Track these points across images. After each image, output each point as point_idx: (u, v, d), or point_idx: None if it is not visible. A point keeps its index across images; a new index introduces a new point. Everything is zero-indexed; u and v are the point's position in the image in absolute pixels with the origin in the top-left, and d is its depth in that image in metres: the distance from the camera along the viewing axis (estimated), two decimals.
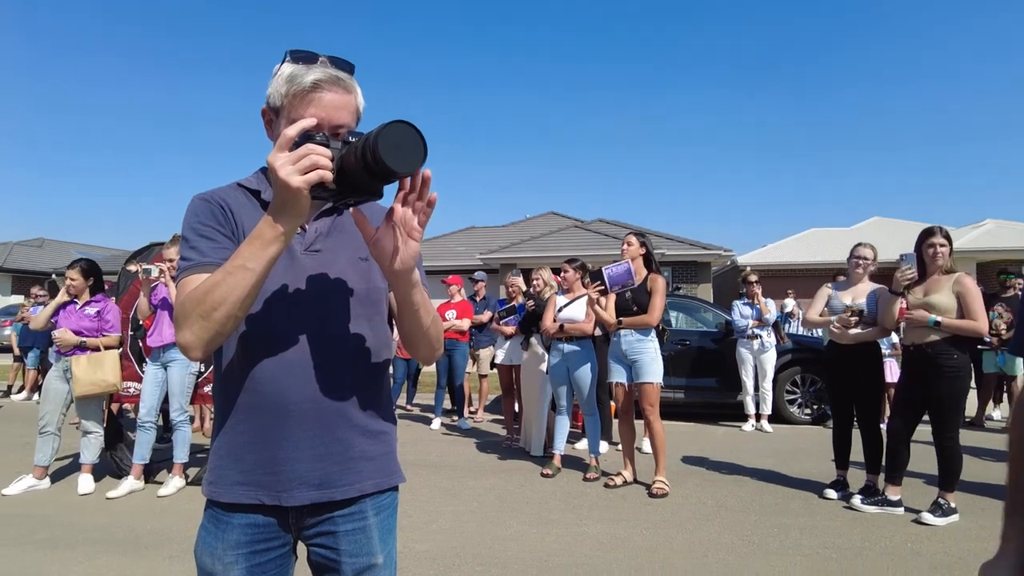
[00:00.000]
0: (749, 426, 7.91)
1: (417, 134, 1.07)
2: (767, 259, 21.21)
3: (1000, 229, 20.12)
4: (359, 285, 1.36)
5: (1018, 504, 1.24)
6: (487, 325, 8.31)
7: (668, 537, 4.07)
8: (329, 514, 1.33)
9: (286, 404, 1.27)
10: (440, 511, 4.61)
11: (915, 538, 4.03)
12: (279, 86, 1.28)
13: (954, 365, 4.29)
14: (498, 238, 22.18)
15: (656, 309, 5.13)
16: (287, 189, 1.07)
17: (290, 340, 1.28)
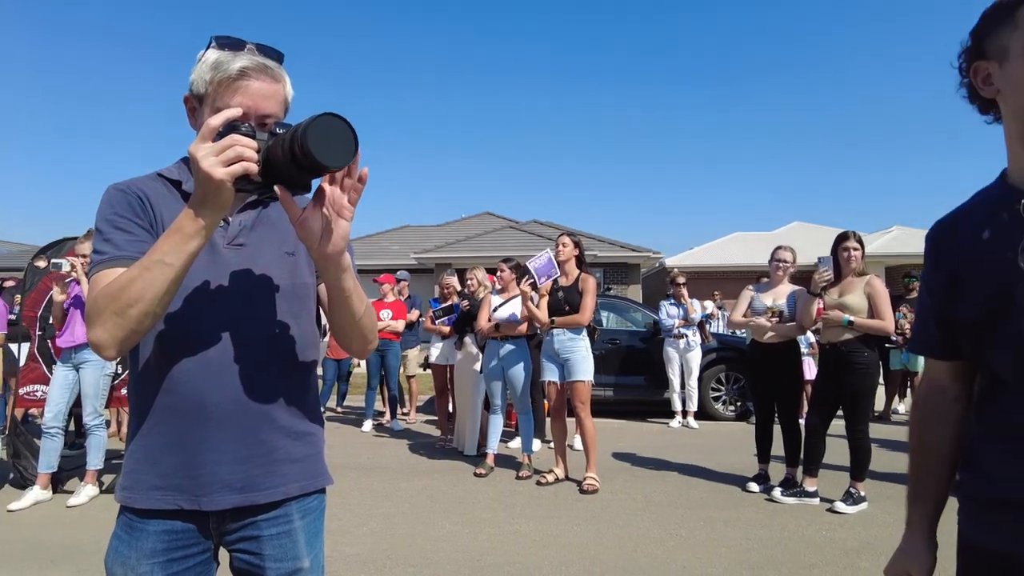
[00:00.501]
0: (676, 422, 8.14)
1: (347, 127, 1.04)
2: (693, 261, 21.89)
3: (906, 236, 21.44)
4: (285, 281, 1.31)
5: (919, 491, 1.32)
6: (416, 324, 8.24)
7: (598, 533, 4.14)
8: (252, 518, 1.28)
9: (206, 405, 1.21)
10: (371, 514, 4.53)
11: (829, 526, 4.25)
12: (203, 73, 1.23)
13: (864, 362, 4.55)
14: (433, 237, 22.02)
15: (587, 308, 5.22)
16: (209, 181, 1.03)
17: (211, 338, 1.23)
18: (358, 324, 1.31)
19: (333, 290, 1.24)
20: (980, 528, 1.17)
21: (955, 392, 1.28)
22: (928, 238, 1.30)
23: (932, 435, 1.30)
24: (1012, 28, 1.05)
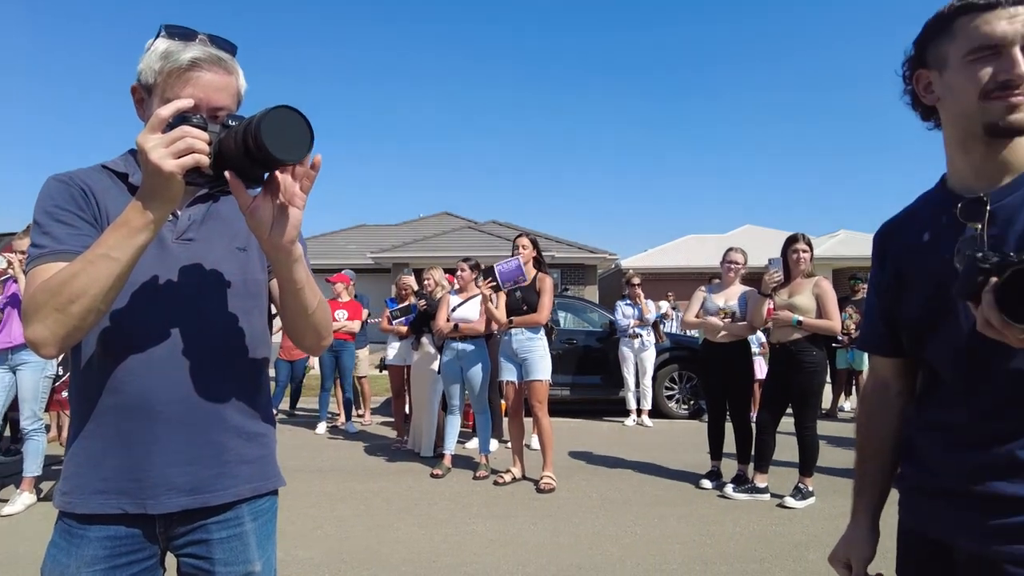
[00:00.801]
0: (631, 421, 8.25)
1: (302, 120, 1.02)
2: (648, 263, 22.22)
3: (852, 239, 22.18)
4: (236, 276, 1.28)
5: (864, 484, 1.37)
6: (364, 325, 8.15)
7: (555, 531, 4.16)
8: (202, 521, 1.24)
9: (153, 404, 1.17)
10: (325, 516, 4.46)
11: (779, 520, 4.36)
12: (152, 62, 1.19)
13: (812, 361, 4.69)
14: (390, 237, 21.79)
15: (545, 308, 5.24)
16: (159, 173, 0.99)
17: (158, 335, 1.18)
18: (311, 319, 1.27)
19: (285, 282, 1.20)
20: (916, 517, 1.22)
21: (899, 388, 1.33)
22: (875, 240, 1.35)
23: (877, 428, 1.35)
24: (950, 39, 1.09)
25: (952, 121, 1.14)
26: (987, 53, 1.04)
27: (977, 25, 1.05)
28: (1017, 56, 1.02)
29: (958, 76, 1.08)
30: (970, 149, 1.13)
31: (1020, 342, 0.92)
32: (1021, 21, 1.02)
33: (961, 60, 1.07)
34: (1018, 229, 1.05)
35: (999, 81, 1.03)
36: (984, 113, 1.06)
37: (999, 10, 1.04)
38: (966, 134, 1.12)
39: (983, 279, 0.93)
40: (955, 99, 1.10)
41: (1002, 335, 0.93)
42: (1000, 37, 1.03)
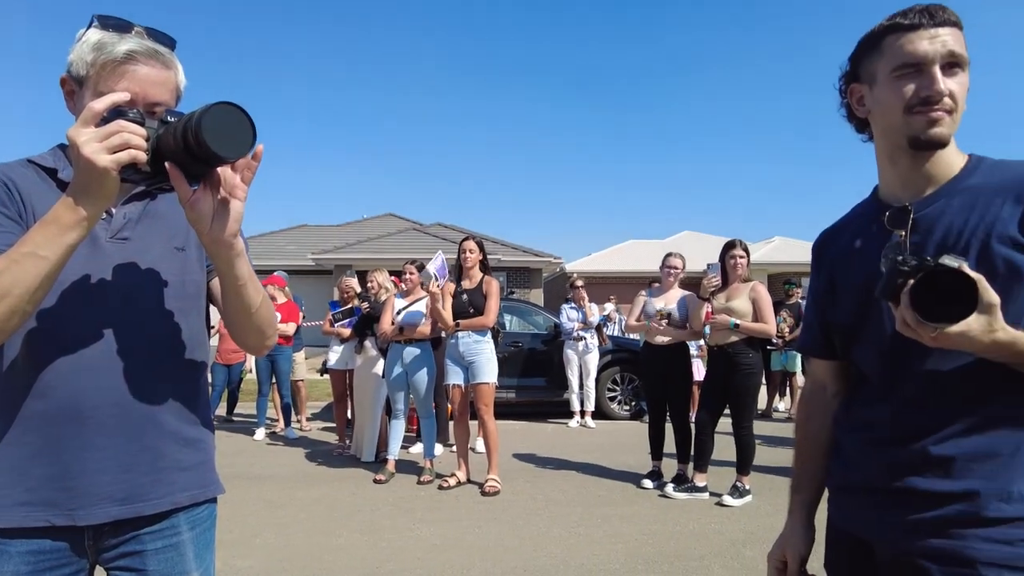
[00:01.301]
0: (574, 423, 8.34)
1: (244, 116, 1.00)
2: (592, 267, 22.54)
3: (786, 245, 23.07)
4: (173, 277, 1.24)
5: (801, 482, 1.44)
6: (299, 328, 7.99)
7: (499, 534, 4.16)
8: (135, 532, 1.19)
9: (84, 409, 1.12)
10: (265, 524, 4.34)
11: (718, 518, 4.48)
12: (84, 53, 1.13)
13: (749, 363, 4.85)
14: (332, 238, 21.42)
15: (492, 311, 5.24)
16: (92, 169, 0.95)
17: (89, 337, 1.13)
18: (254, 317, 1.24)
19: (226, 278, 1.17)
20: (841, 513, 1.28)
21: (834, 389, 1.39)
22: (813, 248, 1.42)
23: (813, 428, 1.41)
24: (879, 56, 1.16)
25: (881, 134, 1.21)
26: (910, 71, 1.11)
27: (902, 44, 1.12)
28: (937, 74, 1.09)
29: (885, 91, 1.15)
30: (897, 161, 1.19)
31: (933, 341, 0.99)
32: (941, 42, 1.10)
33: (888, 76, 1.14)
34: (936, 237, 1.12)
35: (921, 97, 1.10)
36: (907, 126, 1.13)
37: (921, 31, 1.10)
38: (893, 146, 1.18)
39: (902, 281, 1.00)
40: (882, 112, 1.17)
41: (917, 334, 1.00)
42: (922, 56, 1.10)
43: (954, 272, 0.96)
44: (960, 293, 0.96)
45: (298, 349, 8.03)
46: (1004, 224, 1.07)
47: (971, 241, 1.08)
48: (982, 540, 1.05)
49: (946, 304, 0.96)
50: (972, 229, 1.09)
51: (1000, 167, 1.14)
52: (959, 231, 1.10)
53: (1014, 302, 1.04)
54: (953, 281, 0.96)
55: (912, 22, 1.11)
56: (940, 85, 1.09)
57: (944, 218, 1.12)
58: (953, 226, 1.11)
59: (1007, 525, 1.04)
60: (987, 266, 1.04)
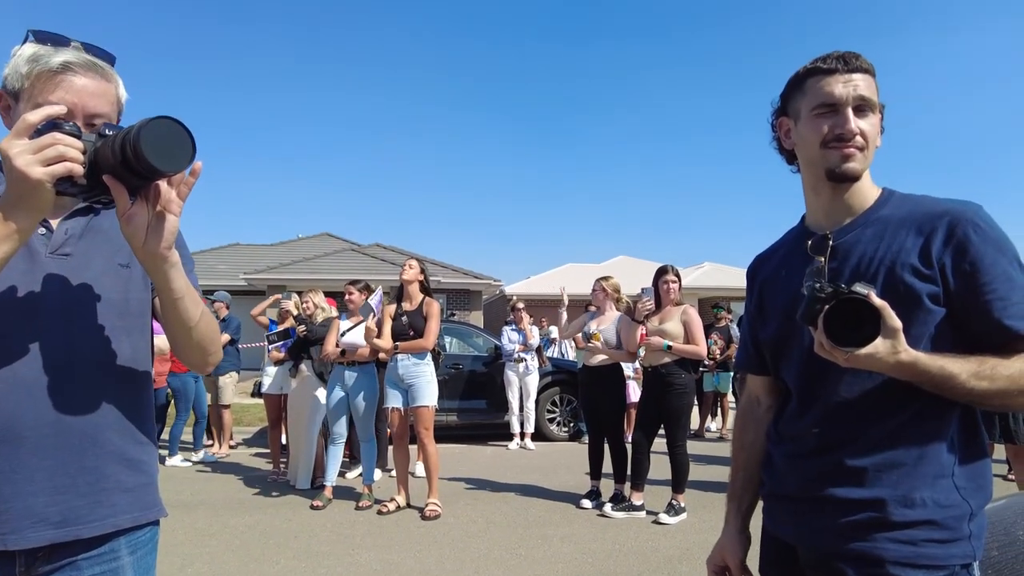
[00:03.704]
0: (514, 444, 8.37)
1: (184, 130, 1.01)
2: (531, 289, 22.71)
3: (715, 270, 23.90)
4: (116, 294, 1.22)
5: (736, 489, 1.54)
6: (229, 348, 7.77)
7: (440, 558, 4.14)
8: (71, 557, 1.15)
9: (18, 429, 1.08)
10: (196, 554, 4.17)
11: (654, 536, 4.59)
12: (19, 65, 1.12)
13: (682, 383, 5.03)
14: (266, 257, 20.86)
15: (432, 333, 5.24)
16: (25, 181, 0.94)
17: (27, 355, 1.10)
18: (193, 332, 1.23)
19: (163, 292, 1.17)
20: (771, 521, 1.39)
21: (767, 403, 1.50)
22: (747, 270, 1.55)
23: (748, 439, 1.51)
24: (802, 95, 1.30)
25: (804, 166, 1.34)
26: (827, 110, 1.24)
27: (821, 86, 1.25)
28: (849, 114, 1.23)
29: (806, 127, 1.28)
30: (820, 192, 1.32)
31: (846, 362, 1.11)
32: (853, 86, 1.23)
33: (809, 114, 1.27)
34: (852, 263, 1.24)
35: (835, 134, 1.24)
36: (824, 159, 1.26)
37: (837, 75, 1.24)
38: (816, 178, 1.31)
39: (819, 307, 1.11)
40: (804, 146, 1.30)
41: (832, 356, 1.11)
42: (837, 98, 1.23)
43: (861, 300, 1.07)
44: (868, 319, 1.07)
45: (227, 371, 7.77)
46: (907, 254, 1.18)
47: (879, 268, 1.20)
48: (889, 541, 1.16)
49: (857, 328, 1.07)
50: (880, 257, 1.21)
51: (907, 200, 1.27)
52: (870, 259, 1.22)
53: (915, 325, 1.15)
54: (862, 307, 1.07)
55: (829, 67, 1.25)
56: (851, 124, 1.22)
57: (858, 246, 1.24)
58: (865, 254, 1.23)
59: (911, 528, 1.15)
60: (891, 292, 1.16)
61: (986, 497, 1.20)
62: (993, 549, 1.45)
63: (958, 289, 1.16)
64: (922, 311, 1.16)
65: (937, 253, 1.16)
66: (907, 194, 1.29)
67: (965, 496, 1.16)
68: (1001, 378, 1.11)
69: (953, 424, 1.18)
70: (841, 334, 1.08)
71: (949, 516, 1.15)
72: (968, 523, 1.16)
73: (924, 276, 1.17)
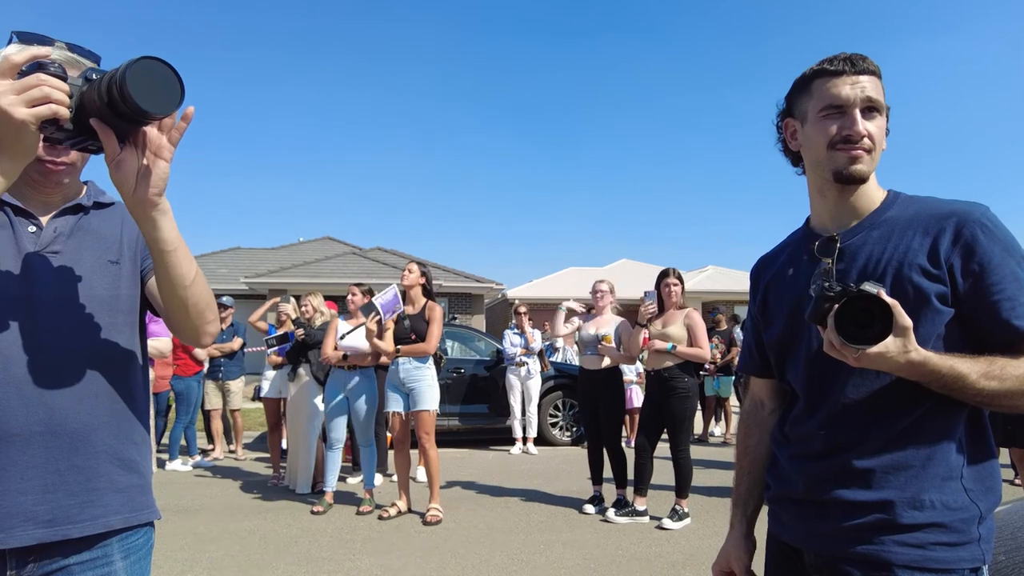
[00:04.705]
0: (517, 449, 8.33)
1: (171, 71, 0.98)
2: (532, 293, 22.72)
3: (718, 275, 23.88)
4: (105, 291, 1.21)
5: (741, 493, 1.52)
6: (238, 354, 7.77)
7: (441, 563, 4.10)
8: (63, 560, 1.12)
9: (8, 427, 1.07)
10: (195, 559, 4.14)
11: (658, 541, 4.55)
12: None
13: (685, 387, 4.99)
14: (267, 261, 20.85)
15: (433, 337, 5.22)
16: (8, 121, 0.92)
17: (16, 352, 1.09)
18: (187, 292, 1.18)
19: (154, 245, 1.13)
20: (776, 524, 1.37)
21: (771, 406, 1.48)
22: (751, 273, 1.54)
23: (752, 442, 1.50)
24: (808, 96, 1.28)
25: (810, 168, 1.32)
26: (835, 112, 1.23)
27: (828, 88, 1.24)
28: (857, 116, 1.22)
29: (813, 129, 1.27)
30: (826, 194, 1.31)
31: (856, 361, 1.09)
32: (861, 87, 1.22)
33: (816, 115, 1.26)
34: (859, 264, 1.23)
35: (843, 135, 1.22)
36: (831, 161, 1.24)
37: (844, 76, 1.23)
38: (822, 180, 1.30)
39: (828, 306, 1.09)
40: (811, 148, 1.28)
41: (842, 355, 1.09)
42: (844, 99, 1.22)
43: (872, 298, 1.05)
44: (878, 317, 1.05)
45: (236, 376, 7.80)
46: (915, 254, 1.18)
47: (887, 269, 1.19)
48: (897, 544, 1.14)
49: (867, 327, 1.05)
50: (888, 258, 1.20)
51: (912, 202, 1.26)
52: (877, 260, 1.21)
53: (923, 325, 1.14)
54: (872, 306, 1.05)
55: (836, 68, 1.23)
56: (859, 126, 1.21)
57: (865, 247, 1.24)
58: (873, 255, 1.22)
59: (919, 531, 1.13)
60: (900, 292, 1.15)
61: (995, 500, 1.18)
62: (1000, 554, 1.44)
63: (966, 289, 1.15)
64: (930, 311, 1.15)
65: (945, 253, 1.16)
66: (913, 196, 1.28)
67: (974, 498, 1.15)
68: (1011, 378, 1.10)
69: (961, 425, 1.18)
70: (852, 333, 1.06)
71: (958, 519, 1.13)
72: (977, 526, 1.14)
73: (932, 276, 1.16)
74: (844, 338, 1.06)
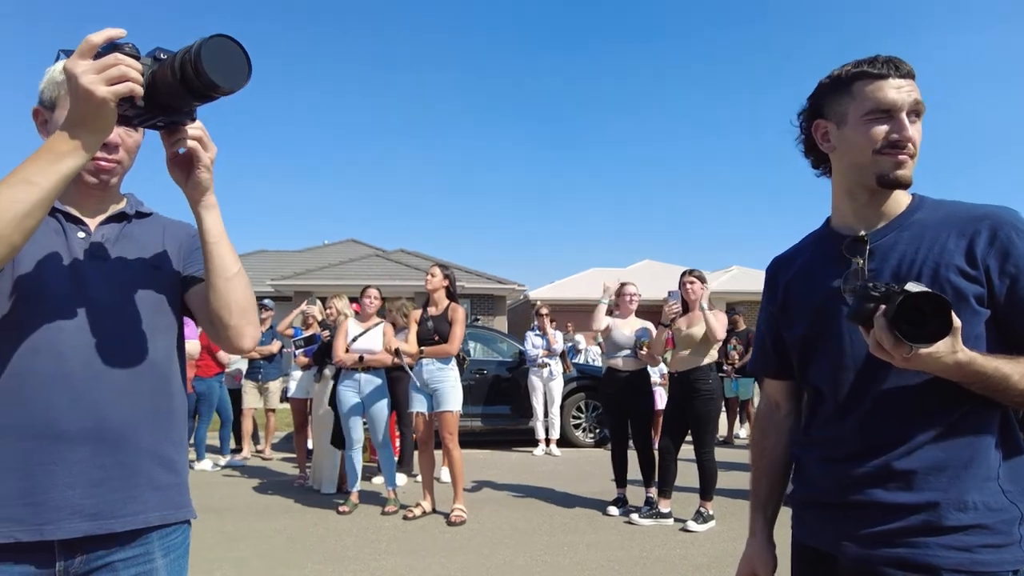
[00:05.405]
0: (539, 450, 8.33)
1: (239, 48, 1.02)
2: (555, 294, 22.68)
3: (743, 275, 23.63)
4: (148, 296, 1.26)
5: (760, 498, 1.50)
6: (276, 356, 7.88)
7: (464, 564, 4.12)
8: (107, 557, 1.17)
9: (58, 422, 1.11)
10: (223, 558, 4.21)
11: (682, 544, 4.53)
12: (54, 78, 1.19)
13: (709, 389, 4.96)
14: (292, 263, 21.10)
15: (456, 338, 5.24)
16: (89, 99, 0.97)
17: (67, 351, 1.14)
18: (230, 284, 1.24)
19: (202, 236, 1.21)
20: (805, 530, 1.35)
21: (787, 408, 1.47)
22: (767, 271, 1.52)
23: (769, 445, 1.48)
24: (849, 98, 1.25)
25: (844, 169, 1.30)
26: (882, 115, 1.21)
27: (873, 90, 1.22)
28: (905, 121, 1.21)
29: (856, 132, 1.24)
30: (856, 195, 1.30)
31: (905, 362, 1.06)
32: (907, 91, 1.21)
33: (859, 119, 1.23)
34: (892, 264, 1.23)
35: (890, 140, 1.21)
36: (876, 165, 1.23)
37: (890, 80, 1.21)
38: (854, 183, 1.28)
39: (873, 305, 1.07)
40: (852, 151, 1.26)
41: (889, 356, 1.07)
42: (891, 103, 1.21)
43: (933, 296, 1.03)
44: (931, 317, 1.03)
45: (274, 377, 7.93)
46: (951, 255, 1.18)
47: (923, 269, 1.19)
48: (943, 548, 1.12)
49: (919, 327, 1.03)
50: (923, 259, 1.20)
51: (941, 205, 1.26)
52: (911, 260, 1.21)
53: (963, 326, 1.12)
54: (925, 305, 1.03)
55: (880, 71, 1.22)
56: (909, 131, 1.20)
57: (897, 248, 1.23)
58: (906, 256, 1.22)
59: (964, 532, 1.12)
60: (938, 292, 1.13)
61: None
62: None
63: (1003, 292, 1.15)
64: (969, 312, 1.15)
65: (982, 255, 1.16)
66: (939, 199, 1.28)
67: (1012, 499, 1.14)
68: None
69: (996, 426, 1.17)
70: (907, 332, 1.03)
71: (1000, 520, 1.12)
72: (1019, 527, 1.13)
73: (970, 277, 1.16)
74: (904, 337, 1.03)
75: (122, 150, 1.24)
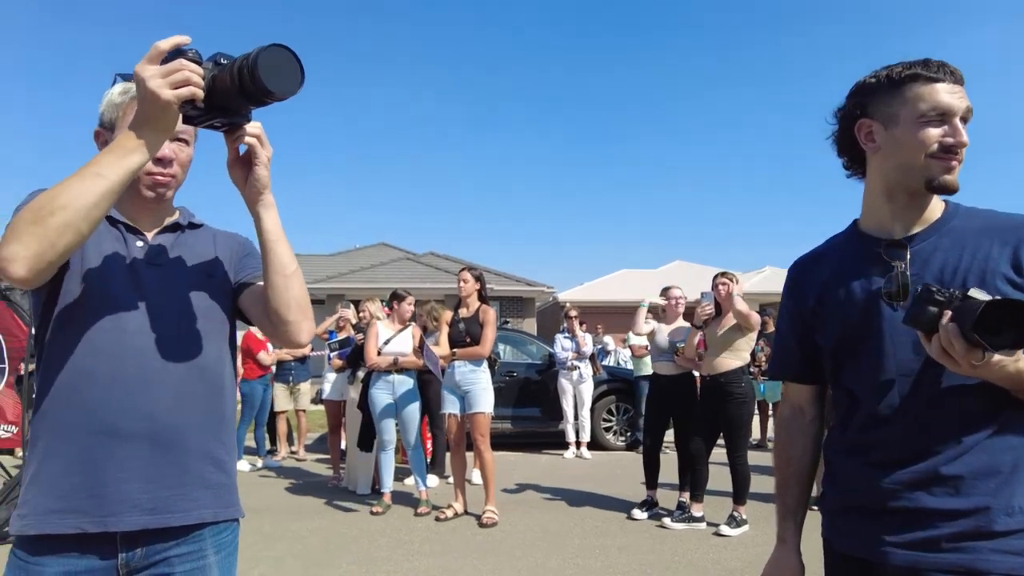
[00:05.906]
0: (570, 453, 8.32)
1: (294, 57, 1.08)
2: (584, 296, 22.61)
3: (776, 275, 23.25)
4: (203, 302, 1.32)
5: (787, 504, 1.48)
6: (307, 358, 8.02)
7: (497, 565, 4.15)
8: (165, 553, 1.23)
9: (117, 421, 1.18)
10: (259, 557, 4.30)
11: (715, 549, 4.49)
12: (113, 99, 1.27)
13: (742, 392, 4.91)
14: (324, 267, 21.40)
15: (488, 340, 5.28)
16: (155, 101, 1.04)
17: (126, 354, 1.21)
18: (289, 281, 1.28)
19: (260, 235, 1.27)
20: (841, 537, 1.33)
21: (812, 413, 1.46)
22: (789, 273, 1.50)
23: (796, 452, 1.46)
24: (900, 100, 1.24)
25: (888, 170, 1.28)
26: (936, 119, 1.21)
27: (929, 93, 1.21)
28: (960, 126, 1.20)
29: (908, 134, 1.23)
30: (895, 198, 1.29)
31: (972, 368, 1.06)
32: (960, 97, 1.21)
33: (913, 121, 1.22)
34: (934, 269, 1.22)
35: (945, 145, 1.20)
36: (926, 169, 1.22)
37: (944, 84, 1.21)
38: (897, 184, 1.27)
39: (938, 310, 1.07)
40: (901, 152, 1.25)
41: (955, 361, 1.06)
42: (947, 107, 1.20)
43: (1016, 305, 1.02)
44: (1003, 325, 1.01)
45: (305, 379, 8.07)
46: (996, 262, 1.18)
47: (968, 276, 1.18)
48: (993, 552, 1.12)
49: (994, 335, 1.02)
50: (967, 266, 1.19)
51: (976, 213, 1.27)
52: (955, 267, 1.20)
53: None
54: (1008, 313, 1.02)
55: (935, 75, 1.21)
56: (964, 137, 1.20)
57: (938, 254, 1.23)
58: (948, 262, 1.21)
59: (1013, 537, 1.12)
60: None
61: None
62: None
63: None
64: None
65: None
66: (971, 207, 1.29)
67: None
68: None
69: None
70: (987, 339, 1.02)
71: None
72: None
73: (1017, 285, 1.17)
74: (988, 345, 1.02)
75: (176, 164, 1.30)
